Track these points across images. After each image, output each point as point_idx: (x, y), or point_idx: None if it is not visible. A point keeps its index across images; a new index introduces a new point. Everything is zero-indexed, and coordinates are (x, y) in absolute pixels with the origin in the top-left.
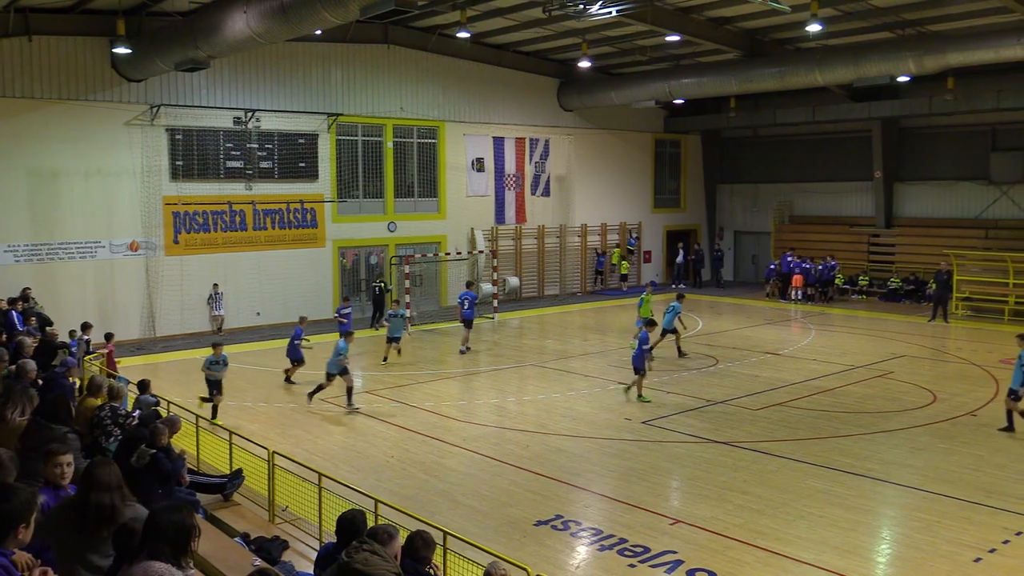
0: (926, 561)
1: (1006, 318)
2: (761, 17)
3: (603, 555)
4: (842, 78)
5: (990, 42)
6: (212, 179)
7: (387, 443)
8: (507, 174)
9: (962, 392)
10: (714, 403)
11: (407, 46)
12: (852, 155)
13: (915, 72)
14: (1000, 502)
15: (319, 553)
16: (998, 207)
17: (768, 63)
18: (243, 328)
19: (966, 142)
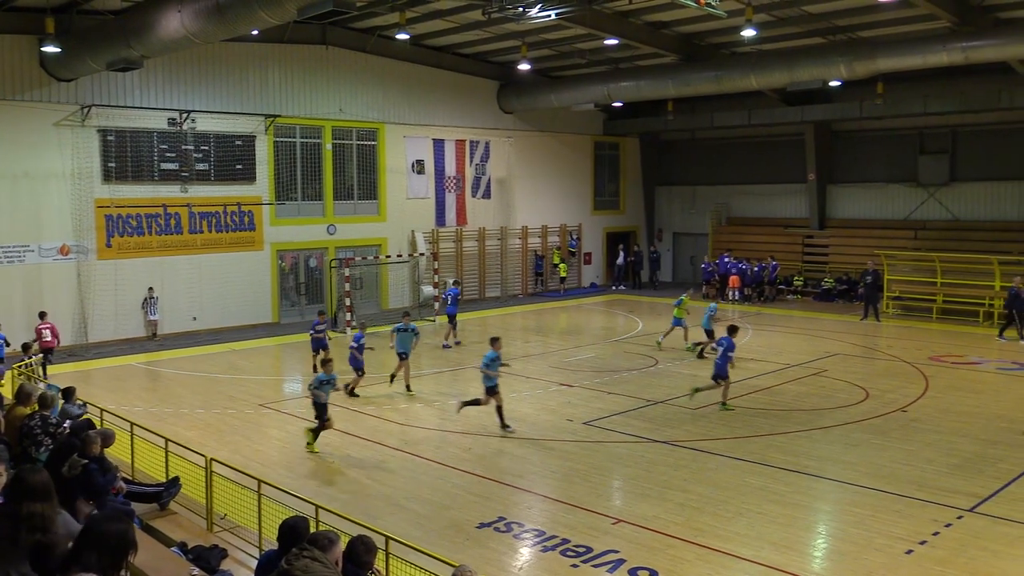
0: (861, 554)
1: (934, 316)
2: (698, 22)
3: (546, 556)
4: (776, 82)
5: (918, 48)
6: (146, 181)
7: (327, 448)
8: (447, 176)
9: (893, 389)
10: (654, 403)
11: (346, 47)
12: (787, 158)
13: (846, 77)
14: (930, 495)
15: (259, 561)
16: (926, 208)
17: (705, 67)
18: (179, 333)
19: (895, 145)
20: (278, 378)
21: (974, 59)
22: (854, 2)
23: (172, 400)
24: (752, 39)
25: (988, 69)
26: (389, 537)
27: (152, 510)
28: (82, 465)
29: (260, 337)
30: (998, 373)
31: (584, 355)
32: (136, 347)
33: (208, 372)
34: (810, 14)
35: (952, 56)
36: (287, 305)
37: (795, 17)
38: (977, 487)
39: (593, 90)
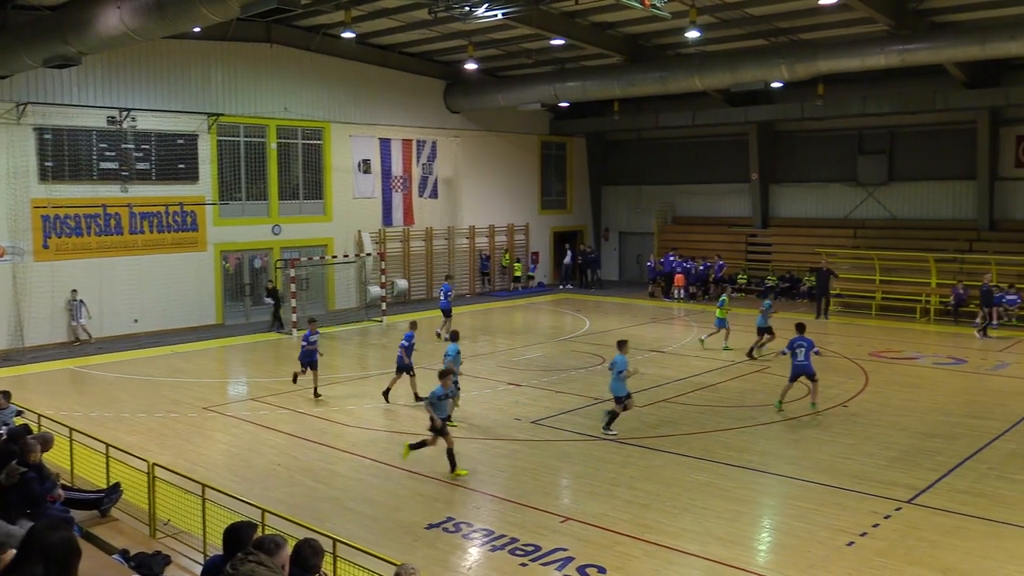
0: (804, 547)
1: (873, 313)
2: (643, 23)
3: (494, 555)
4: (720, 83)
5: (856, 51)
6: (85, 181)
7: (273, 451)
8: (394, 176)
9: (834, 384)
10: (601, 401)
11: (290, 45)
12: (730, 158)
13: (788, 78)
14: (870, 488)
15: (204, 566)
16: (865, 208)
17: (650, 68)
18: (120, 336)
19: (835, 146)
20: (223, 381)
21: (910, 61)
22: (795, 5)
23: (113, 404)
24: (696, 40)
25: (924, 72)
26: (337, 540)
27: (92, 517)
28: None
29: (204, 339)
30: (935, 368)
31: (532, 354)
32: (75, 351)
33: (150, 375)
34: (753, 16)
35: (889, 58)
36: (231, 305)
37: (738, 19)
38: (915, 479)
39: (540, 90)
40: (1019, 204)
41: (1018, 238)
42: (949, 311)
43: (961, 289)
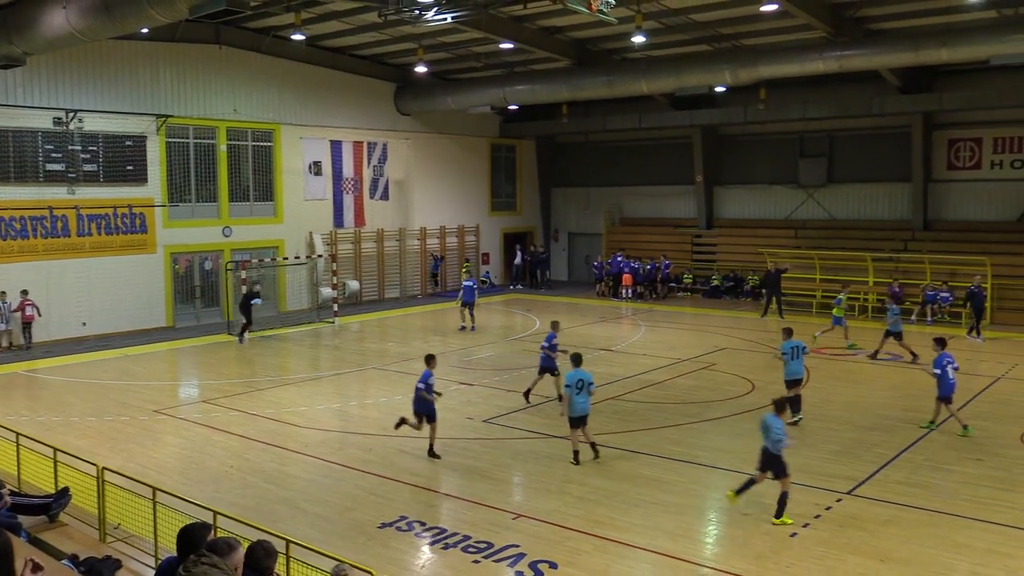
0: (750, 539)
1: (814, 310)
2: (590, 28)
3: (448, 553)
4: (665, 87)
5: (797, 57)
6: (31, 183)
7: (225, 453)
8: (345, 178)
9: (777, 380)
10: (551, 399)
11: (240, 47)
12: (676, 160)
13: (731, 83)
14: (813, 480)
15: (158, 569)
16: (805, 208)
17: (597, 72)
18: (68, 339)
19: (777, 149)
20: (174, 383)
21: (848, 67)
22: (737, 12)
23: (61, 408)
24: (642, 45)
25: (861, 77)
26: (289, 540)
27: (41, 522)
28: None
29: (154, 342)
30: (874, 364)
31: (484, 354)
32: (21, 354)
33: (99, 379)
34: (697, 22)
35: (828, 64)
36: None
37: (682, 25)
38: (855, 471)
39: (489, 93)
40: (952, 205)
41: (951, 238)
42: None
43: (897, 287)
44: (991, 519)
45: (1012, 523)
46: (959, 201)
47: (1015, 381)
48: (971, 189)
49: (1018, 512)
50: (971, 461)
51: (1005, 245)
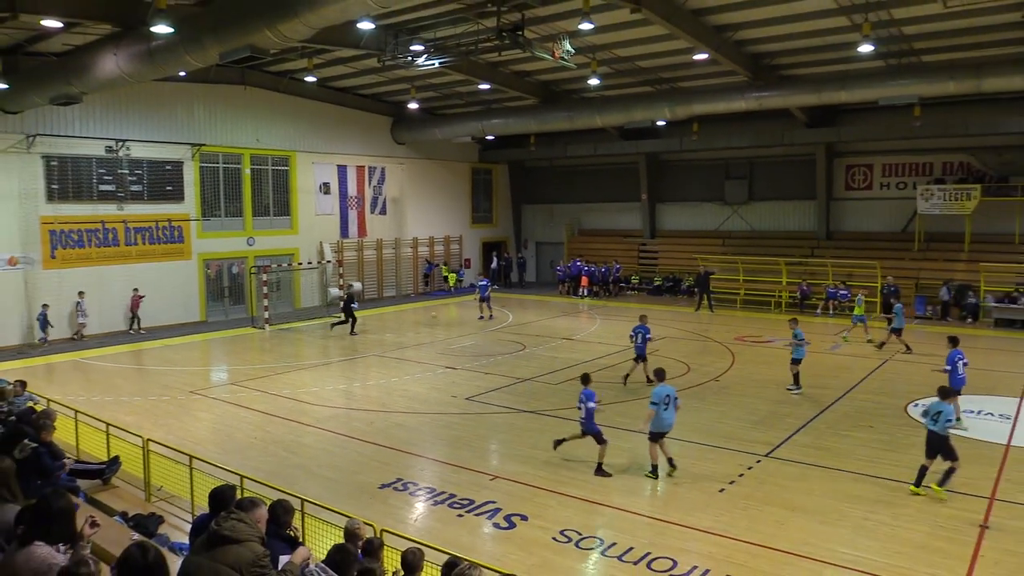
0: (685, 495)
1: (738, 306)
2: (553, 72)
3: (436, 508)
4: (616, 121)
5: (723, 96)
6: (86, 201)
7: (250, 426)
8: (350, 196)
9: (708, 363)
10: (523, 380)
11: (262, 87)
12: (624, 182)
13: (670, 118)
14: (738, 445)
15: (193, 524)
16: (731, 222)
17: (559, 108)
18: (117, 332)
19: (707, 172)
20: (206, 368)
21: (765, 105)
22: (675, 59)
23: (112, 390)
24: (596, 87)
25: (775, 114)
26: (304, 499)
27: (96, 486)
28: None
29: (189, 334)
30: (786, 348)
31: (465, 343)
32: (79, 345)
33: (144, 365)
34: (642, 68)
35: (749, 103)
36: (213, 305)
37: (630, 70)
38: (771, 437)
39: (470, 125)
40: (848, 219)
41: (848, 246)
42: (796, 303)
43: (805, 286)
44: (880, 475)
45: (896, 477)
46: (855, 215)
47: (900, 363)
48: (864, 206)
49: (901, 469)
50: (864, 428)
51: (892, 252)
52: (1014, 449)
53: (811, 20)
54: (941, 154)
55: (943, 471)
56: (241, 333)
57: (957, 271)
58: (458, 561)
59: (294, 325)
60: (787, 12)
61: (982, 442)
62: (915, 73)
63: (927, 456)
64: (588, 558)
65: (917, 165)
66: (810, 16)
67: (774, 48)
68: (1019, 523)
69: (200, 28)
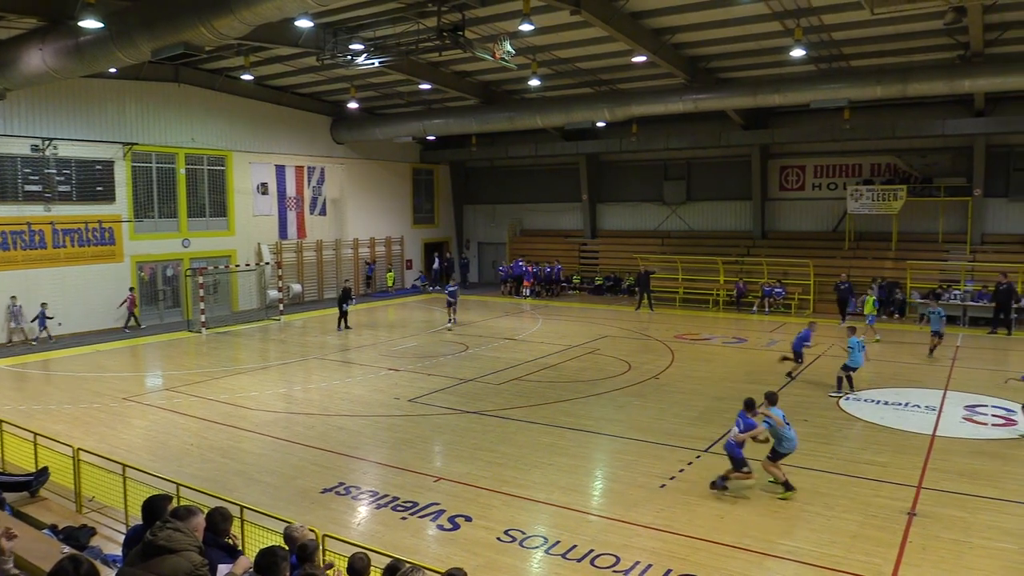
0: (627, 491)
1: (677, 304)
2: (494, 72)
3: (380, 512)
4: (556, 122)
5: (661, 98)
6: (11, 202)
7: (186, 433)
8: (288, 196)
9: (649, 362)
10: (466, 381)
11: (196, 85)
12: (566, 182)
13: (609, 119)
14: (678, 441)
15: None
16: (669, 222)
17: (500, 109)
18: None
19: (647, 173)
20: (140, 374)
21: (702, 108)
22: (614, 61)
23: (40, 398)
24: (537, 88)
25: (712, 116)
26: (243, 506)
27: (23, 498)
28: None
29: (122, 339)
30: (723, 345)
31: (408, 344)
32: (3, 352)
33: (74, 372)
34: (582, 69)
35: (686, 105)
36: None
37: (570, 72)
38: (710, 432)
39: (410, 126)
40: (783, 218)
41: (783, 245)
42: (732, 301)
43: (741, 284)
44: (814, 467)
45: (830, 469)
46: (789, 215)
47: (832, 358)
48: (798, 206)
49: (835, 461)
50: (799, 422)
51: (824, 250)
52: (939, 439)
53: (746, 25)
54: (869, 156)
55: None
56: (177, 337)
57: (885, 269)
58: (400, 564)
59: (232, 328)
60: (723, 16)
61: (909, 433)
62: (844, 77)
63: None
64: (532, 557)
65: (847, 166)
66: (745, 21)
67: (711, 52)
68: (944, 510)
69: (131, 24)
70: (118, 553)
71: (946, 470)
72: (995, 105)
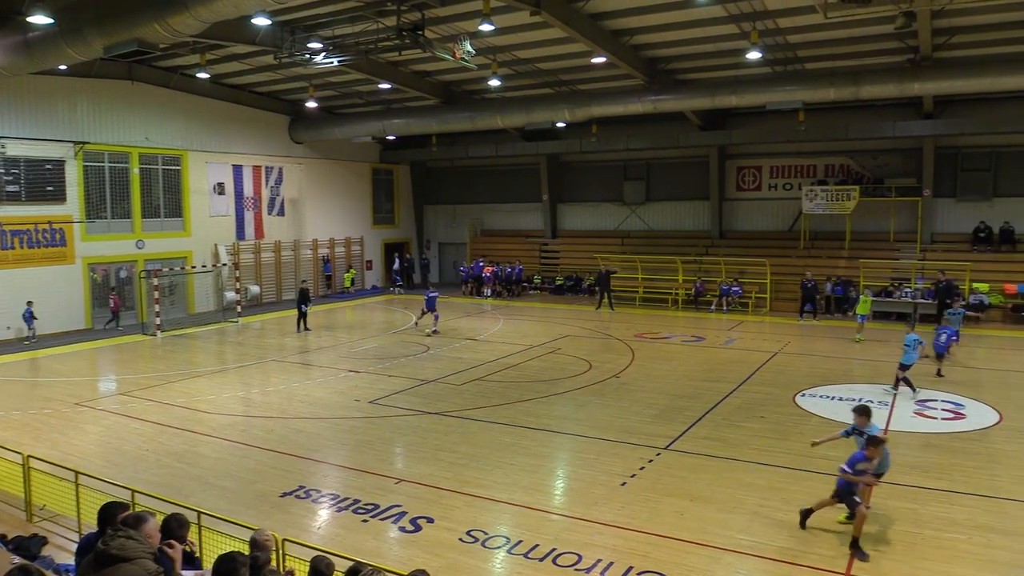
0: (588, 489)
1: (637, 303)
2: (454, 72)
3: (340, 515)
4: (517, 122)
5: (621, 99)
6: None
7: (142, 438)
8: (246, 197)
9: (609, 361)
10: (427, 382)
11: (151, 83)
12: (526, 182)
13: (569, 119)
14: (638, 440)
15: (79, 544)
16: (629, 222)
17: (461, 109)
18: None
19: (606, 173)
20: (93, 379)
21: (661, 109)
22: (575, 62)
23: None
24: (497, 88)
25: (671, 117)
26: (201, 512)
27: None
28: None
29: (75, 342)
30: (683, 344)
31: (368, 345)
32: None
33: (24, 377)
34: (542, 70)
35: (645, 106)
36: (100, 312)
37: (530, 72)
38: (670, 430)
39: (370, 125)
40: (740, 218)
41: (740, 244)
42: (691, 300)
43: (700, 283)
44: (771, 463)
45: (787, 465)
46: (746, 215)
47: (788, 355)
48: (754, 206)
49: (792, 456)
50: (757, 419)
51: (780, 249)
52: (891, 433)
53: (703, 27)
54: (824, 157)
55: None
56: (131, 340)
57: (839, 268)
58: (361, 567)
59: (188, 331)
60: (681, 19)
61: None
62: (799, 80)
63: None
64: (494, 557)
65: (802, 167)
66: (702, 23)
67: (669, 53)
68: (898, 503)
69: (82, 20)
70: (71, 563)
71: (898, 463)
72: (943, 108)
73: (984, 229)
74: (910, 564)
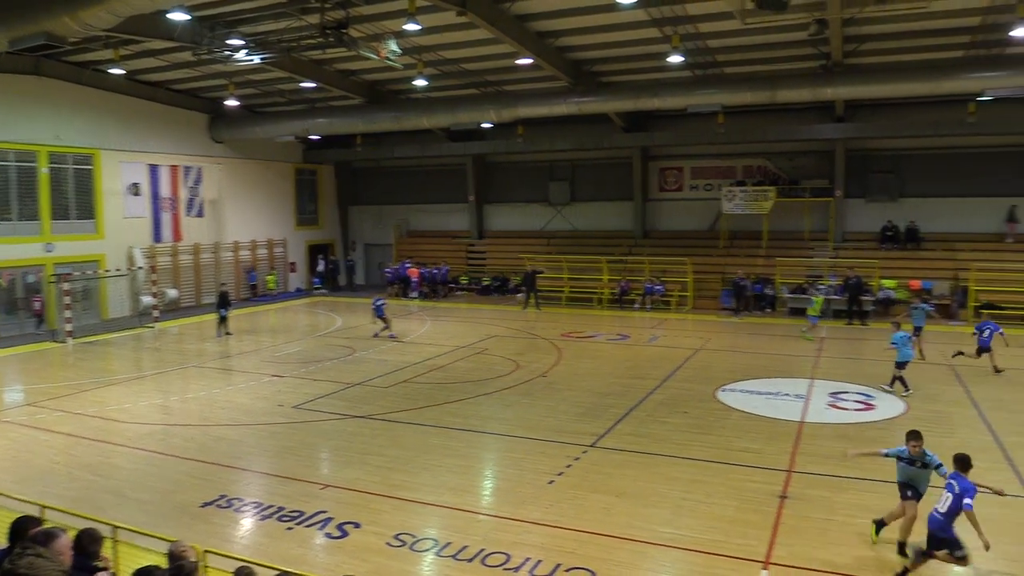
0: (515, 489)
1: (563, 303)
2: (379, 71)
3: (264, 523)
4: (442, 123)
5: (546, 101)
6: None
7: (52, 451)
8: (162, 197)
9: (536, 360)
10: (352, 385)
11: (60, 79)
12: (452, 183)
13: (495, 120)
14: (564, 438)
15: None
16: (555, 222)
17: (386, 108)
18: None
19: (532, 174)
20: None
21: (585, 110)
22: (500, 63)
23: None
24: (423, 88)
25: (595, 118)
26: (116, 526)
27: None
28: None
29: None
30: (608, 342)
31: (292, 349)
32: None
33: None
34: (468, 70)
35: (570, 107)
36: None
37: (456, 72)
38: (596, 428)
39: (293, 124)
40: (663, 218)
41: (663, 243)
42: (616, 299)
43: (624, 283)
44: (693, 456)
45: (708, 458)
46: (668, 215)
47: (709, 352)
48: (677, 206)
49: (713, 450)
50: (679, 414)
51: (702, 248)
52: (807, 425)
53: (626, 30)
54: (742, 158)
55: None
56: (40, 348)
57: (757, 266)
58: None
59: (102, 337)
60: (604, 22)
61: (780, 420)
62: (718, 84)
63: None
64: (423, 560)
65: (721, 168)
66: (625, 26)
67: (593, 56)
68: (813, 491)
69: None
70: None
71: (814, 454)
72: (854, 112)
73: (891, 228)
74: (825, 549)
